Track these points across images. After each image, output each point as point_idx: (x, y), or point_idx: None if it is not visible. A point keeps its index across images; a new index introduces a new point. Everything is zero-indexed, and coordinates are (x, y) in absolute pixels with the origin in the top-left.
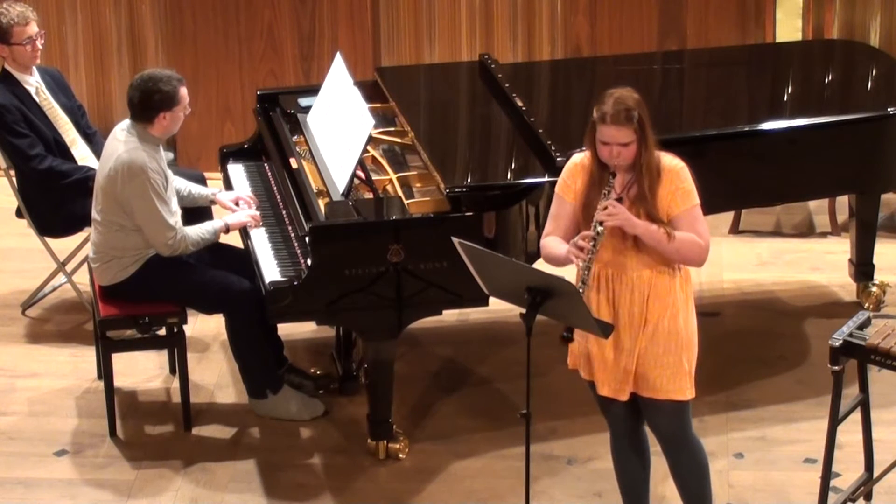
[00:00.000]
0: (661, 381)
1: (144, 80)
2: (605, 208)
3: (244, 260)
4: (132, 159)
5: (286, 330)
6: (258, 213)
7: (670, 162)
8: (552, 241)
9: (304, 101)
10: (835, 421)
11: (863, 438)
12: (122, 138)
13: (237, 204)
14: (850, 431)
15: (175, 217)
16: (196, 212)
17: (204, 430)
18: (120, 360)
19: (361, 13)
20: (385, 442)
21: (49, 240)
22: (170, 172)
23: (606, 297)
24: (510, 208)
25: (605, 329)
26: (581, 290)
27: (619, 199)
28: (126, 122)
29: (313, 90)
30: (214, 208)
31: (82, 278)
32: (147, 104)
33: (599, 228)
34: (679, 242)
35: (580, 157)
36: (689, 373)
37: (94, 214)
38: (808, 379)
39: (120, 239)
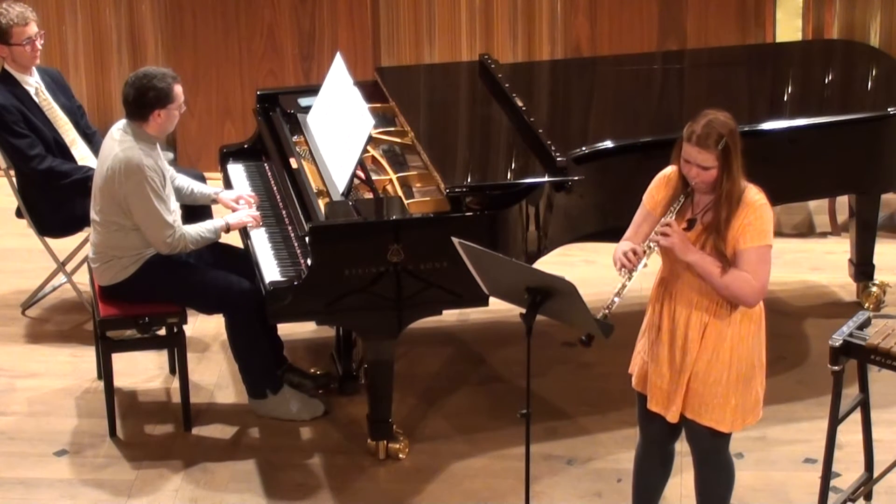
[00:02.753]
0: (705, 407)
1: (139, 78)
2: (663, 230)
3: (244, 260)
4: (128, 158)
5: (286, 330)
6: (258, 213)
7: (752, 196)
8: (624, 244)
9: (304, 101)
10: (835, 421)
11: (863, 438)
12: (118, 138)
13: (238, 203)
14: (850, 431)
15: (174, 215)
16: (196, 211)
17: (204, 430)
18: (120, 360)
19: (361, 13)
20: (385, 442)
21: (49, 240)
22: (168, 171)
23: (669, 313)
24: (510, 208)
25: (605, 329)
26: (610, 303)
27: (693, 221)
28: (122, 122)
29: (313, 90)
30: (215, 207)
31: (82, 278)
32: (141, 101)
33: (651, 244)
34: (730, 279)
35: (670, 170)
36: (735, 408)
37: (93, 215)
38: (808, 379)
39: (119, 239)
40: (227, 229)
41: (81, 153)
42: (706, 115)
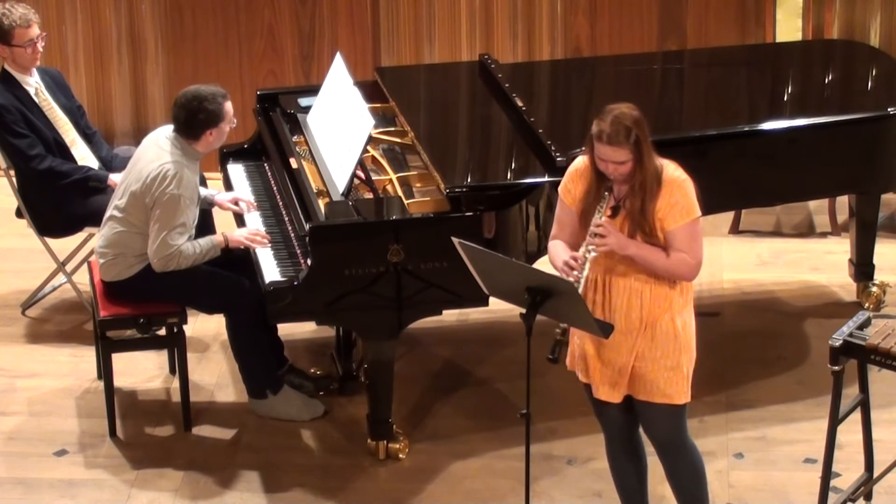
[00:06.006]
0: (657, 384)
1: (189, 100)
2: (597, 232)
3: (244, 260)
4: (178, 177)
5: (286, 330)
6: (265, 230)
7: (672, 173)
8: (557, 246)
9: (304, 101)
10: (835, 421)
11: (863, 438)
12: (166, 147)
13: (236, 204)
14: (850, 431)
15: (187, 234)
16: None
17: (204, 430)
18: (120, 360)
19: (361, 13)
20: (385, 442)
21: (49, 240)
22: (198, 188)
23: (602, 303)
24: (510, 208)
25: (605, 329)
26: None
27: (617, 208)
28: (170, 131)
29: (313, 90)
30: (219, 216)
31: (82, 278)
32: (193, 123)
33: (591, 248)
34: (669, 263)
35: (581, 162)
36: (687, 376)
37: (114, 211)
38: (808, 379)
39: (132, 240)
40: (226, 244)
41: (81, 153)
42: (611, 111)
